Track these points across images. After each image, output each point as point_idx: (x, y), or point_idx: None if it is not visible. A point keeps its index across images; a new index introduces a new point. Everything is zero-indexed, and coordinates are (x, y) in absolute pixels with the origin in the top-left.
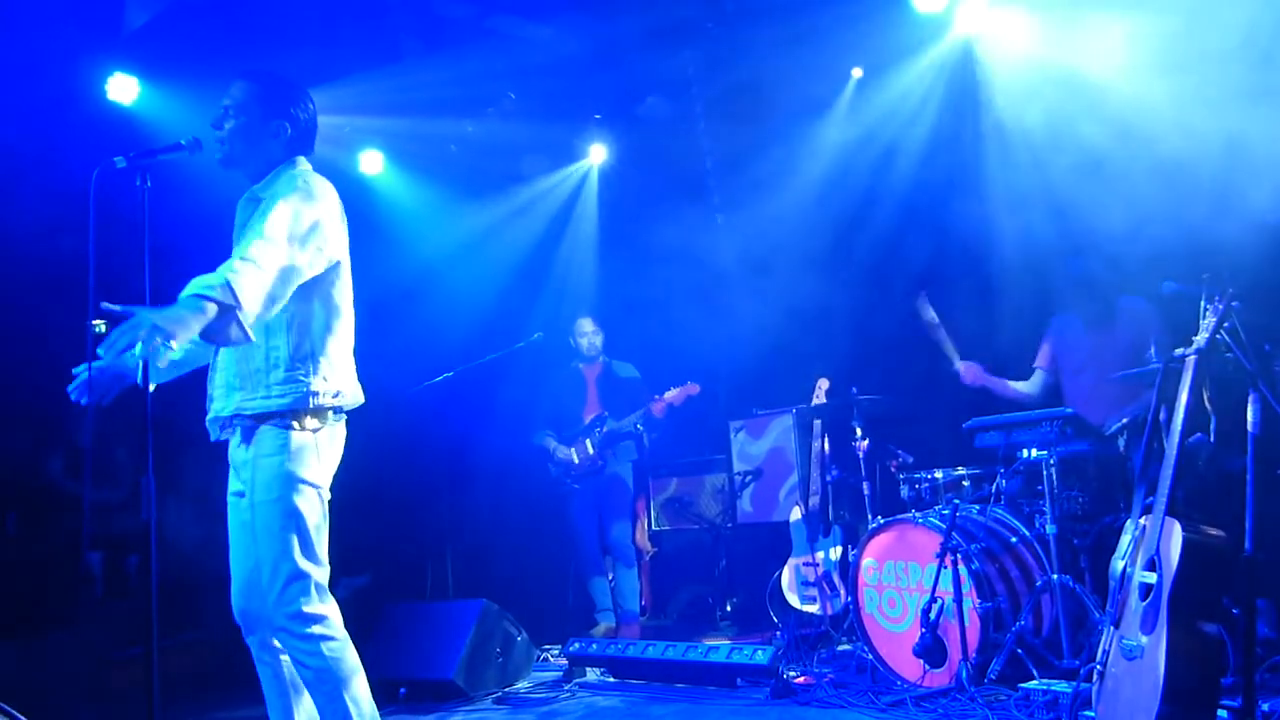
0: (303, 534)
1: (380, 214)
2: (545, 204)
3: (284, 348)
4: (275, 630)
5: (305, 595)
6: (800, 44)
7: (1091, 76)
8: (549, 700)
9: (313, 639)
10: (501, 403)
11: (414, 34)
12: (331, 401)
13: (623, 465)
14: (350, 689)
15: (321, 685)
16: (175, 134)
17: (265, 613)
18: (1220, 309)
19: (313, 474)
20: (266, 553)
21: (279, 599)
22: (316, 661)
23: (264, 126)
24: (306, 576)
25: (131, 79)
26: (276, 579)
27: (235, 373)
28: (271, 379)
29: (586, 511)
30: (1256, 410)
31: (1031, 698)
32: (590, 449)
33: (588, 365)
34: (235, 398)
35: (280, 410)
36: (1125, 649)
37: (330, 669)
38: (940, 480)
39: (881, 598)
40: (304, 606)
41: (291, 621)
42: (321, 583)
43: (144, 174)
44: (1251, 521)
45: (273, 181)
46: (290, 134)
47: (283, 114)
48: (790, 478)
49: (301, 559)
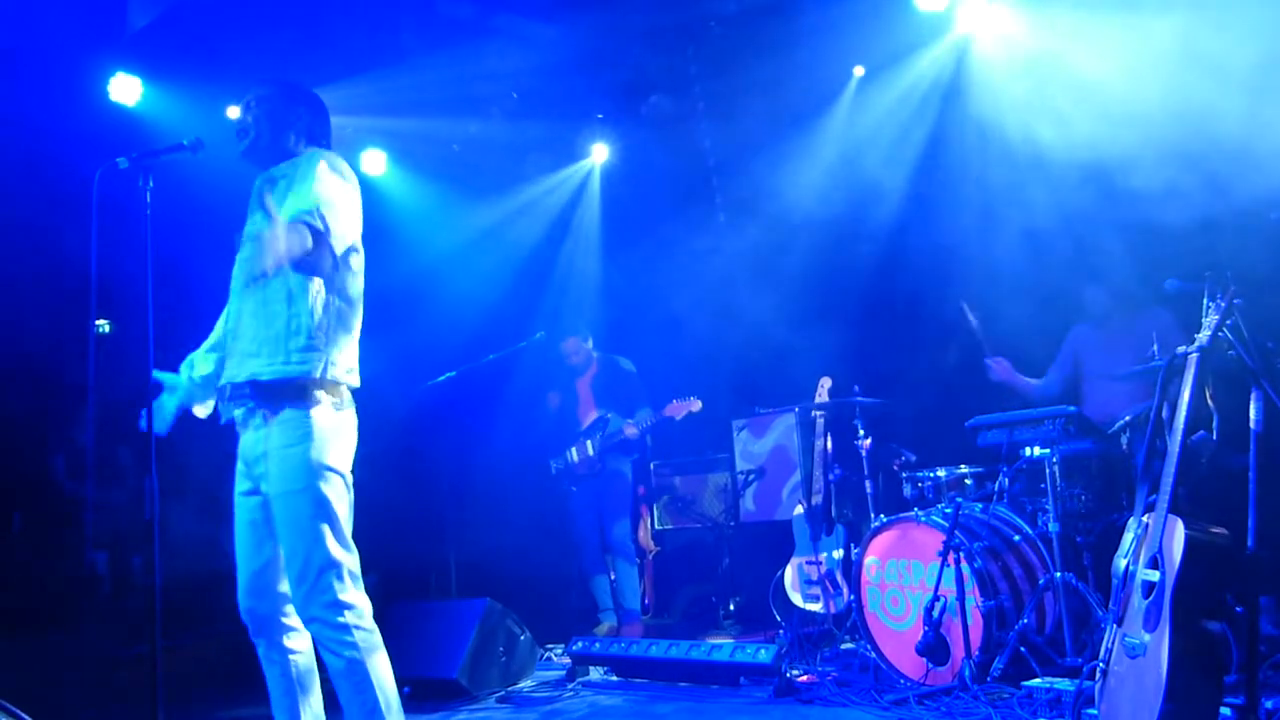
0: (333, 522)
1: (383, 214)
2: (548, 203)
3: (307, 316)
4: (309, 620)
5: (340, 583)
6: (802, 43)
7: (1092, 74)
8: (552, 699)
9: (346, 628)
10: (505, 402)
11: (416, 33)
12: (345, 377)
13: (622, 463)
14: (379, 680)
15: (352, 675)
16: (178, 134)
17: (276, 613)
18: (1223, 306)
19: (337, 460)
20: (297, 544)
21: (313, 589)
22: (350, 651)
23: (286, 112)
24: (340, 565)
25: (134, 79)
26: (310, 569)
27: (253, 338)
28: (292, 345)
29: (586, 511)
30: (1259, 408)
31: (1034, 696)
32: (590, 450)
33: (581, 376)
34: (251, 364)
35: (298, 378)
36: (1128, 647)
37: (361, 659)
38: (943, 478)
39: (884, 596)
40: (339, 594)
41: (327, 610)
42: (355, 571)
43: (146, 174)
44: (1254, 519)
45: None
46: (309, 120)
47: (301, 102)
48: (793, 476)
49: (334, 547)
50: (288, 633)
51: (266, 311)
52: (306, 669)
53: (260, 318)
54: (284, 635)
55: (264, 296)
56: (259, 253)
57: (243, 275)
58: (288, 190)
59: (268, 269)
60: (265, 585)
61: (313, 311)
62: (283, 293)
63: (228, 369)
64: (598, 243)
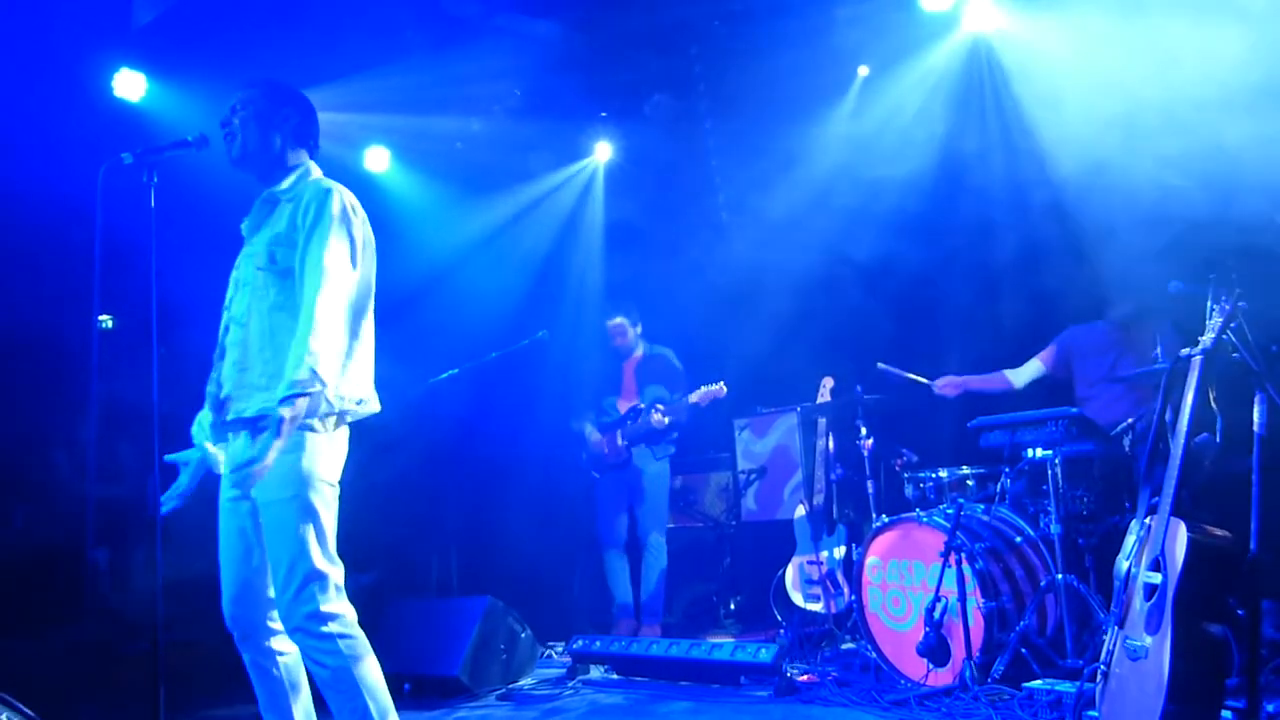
0: (320, 532)
1: (386, 211)
2: (551, 202)
3: None
4: (291, 630)
5: (324, 594)
6: (806, 42)
7: (1099, 74)
8: (553, 697)
9: (330, 638)
10: (507, 400)
11: (420, 31)
12: (354, 407)
13: (655, 463)
14: (367, 687)
15: (338, 684)
16: (182, 130)
17: (263, 618)
18: (1227, 309)
19: (328, 471)
20: (282, 553)
21: (295, 598)
22: (334, 660)
23: (272, 115)
24: (325, 576)
25: (138, 75)
26: (294, 578)
27: (263, 372)
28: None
29: (609, 503)
30: (1262, 411)
31: (1035, 697)
32: (620, 440)
33: (625, 358)
34: (259, 398)
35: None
36: (1130, 649)
37: (347, 668)
38: (945, 479)
39: (885, 596)
40: (322, 605)
41: (309, 621)
42: (339, 582)
43: (150, 170)
44: (1257, 522)
45: (296, 188)
46: (296, 121)
47: (288, 103)
48: (794, 476)
49: (320, 558)
50: (274, 635)
51: (275, 343)
52: (296, 669)
53: (269, 349)
54: (270, 638)
55: (270, 328)
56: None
57: (246, 300)
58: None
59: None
60: (253, 593)
61: None
62: (292, 326)
63: (234, 401)
64: (600, 241)
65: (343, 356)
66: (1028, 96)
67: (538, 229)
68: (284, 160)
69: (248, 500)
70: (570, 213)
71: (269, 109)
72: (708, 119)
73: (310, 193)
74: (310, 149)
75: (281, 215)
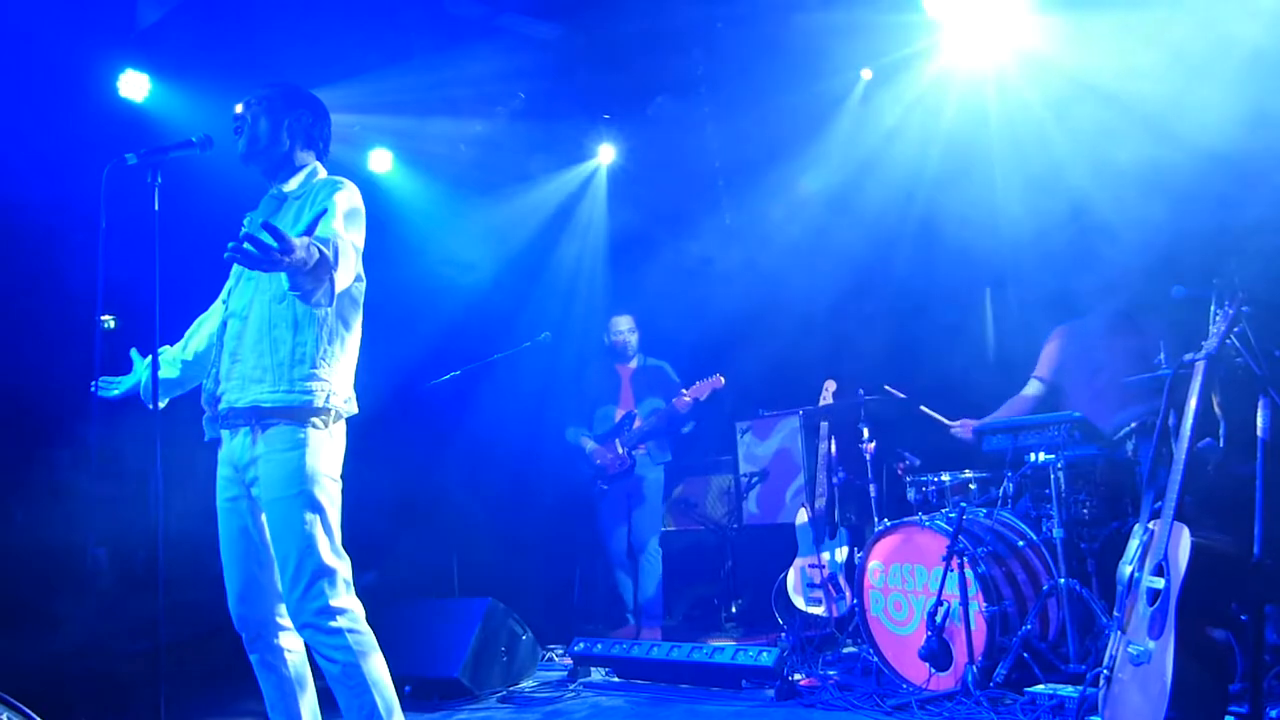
0: (327, 528)
1: (389, 213)
2: (554, 203)
3: (311, 345)
4: (301, 626)
5: (333, 589)
6: (810, 45)
7: (1102, 79)
8: (554, 700)
9: (339, 633)
10: (508, 402)
11: (424, 33)
12: (344, 406)
13: (654, 469)
14: (375, 682)
15: (348, 680)
16: (186, 131)
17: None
18: (1230, 314)
19: (331, 467)
20: (290, 550)
21: (305, 594)
22: (344, 656)
23: (284, 113)
24: (334, 572)
25: (143, 76)
26: (302, 575)
27: (256, 364)
28: (296, 374)
29: (615, 513)
30: (1266, 415)
31: (1037, 702)
32: (619, 448)
33: (623, 363)
34: (253, 390)
35: (300, 406)
36: (1132, 654)
37: (357, 663)
38: (947, 483)
39: (887, 600)
40: (331, 601)
41: (319, 616)
42: (347, 577)
43: (155, 170)
44: (1260, 527)
45: (308, 184)
46: (308, 122)
47: (302, 105)
48: (796, 479)
49: (328, 554)
50: (282, 632)
51: (271, 336)
52: (303, 666)
53: (264, 342)
54: (279, 635)
55: (269, 320)
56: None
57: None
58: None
59: (319, 299)
60: (260, 591)
61: (318, 340)
62: (288, 318)
63: (227, 392)
64: (603, 243)
65: (351, 278)
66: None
67: (541, 231)
68: (292, 159)
69: (247, 499)
70: (573, 215)
71: (283, 106)
72: (710, 121)
73: (324, 184)
74: (319, 152)
75: (289, 211)
